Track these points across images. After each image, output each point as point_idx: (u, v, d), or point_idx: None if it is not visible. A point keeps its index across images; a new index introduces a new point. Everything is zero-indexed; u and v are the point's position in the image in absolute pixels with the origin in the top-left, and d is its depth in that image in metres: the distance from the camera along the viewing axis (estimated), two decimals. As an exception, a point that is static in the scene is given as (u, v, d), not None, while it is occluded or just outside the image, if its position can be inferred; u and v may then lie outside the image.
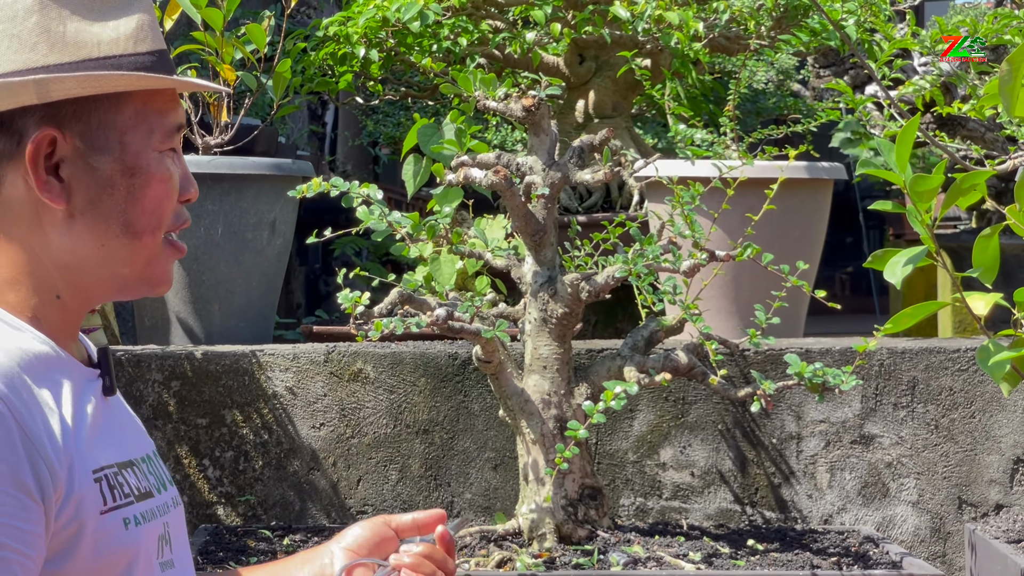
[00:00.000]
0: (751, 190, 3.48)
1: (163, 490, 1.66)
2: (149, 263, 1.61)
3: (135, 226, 1.58)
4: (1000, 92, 2.77)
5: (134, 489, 1.58)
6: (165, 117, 1.61)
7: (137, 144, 1.58)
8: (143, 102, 1.58)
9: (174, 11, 3.89)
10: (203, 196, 3.89)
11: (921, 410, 3.59)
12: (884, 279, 2.55)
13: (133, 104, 1.58)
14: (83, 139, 1.55)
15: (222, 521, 3.58)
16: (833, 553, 3.17)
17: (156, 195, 1.59)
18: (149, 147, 1.59)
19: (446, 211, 3.29)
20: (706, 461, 3.60)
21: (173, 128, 1.62)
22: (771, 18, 4.32)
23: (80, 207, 1.56)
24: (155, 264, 1.62)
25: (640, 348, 3.18)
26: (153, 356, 3.59)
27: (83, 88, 1.53)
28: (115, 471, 1.57)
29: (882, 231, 10.65)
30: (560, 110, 4.80)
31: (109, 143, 1.56)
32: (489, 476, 3.59)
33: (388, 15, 4.32)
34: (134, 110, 1.58)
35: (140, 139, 1.58)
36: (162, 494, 1.65)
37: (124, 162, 1.57)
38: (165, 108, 1.61)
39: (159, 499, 1.63)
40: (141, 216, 1.58)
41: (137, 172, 1.58)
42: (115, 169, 1.57)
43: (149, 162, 1.58)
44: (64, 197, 1.55)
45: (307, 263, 8.14)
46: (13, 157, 1.54)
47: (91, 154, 1.55)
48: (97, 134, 1.56)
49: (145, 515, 1.58)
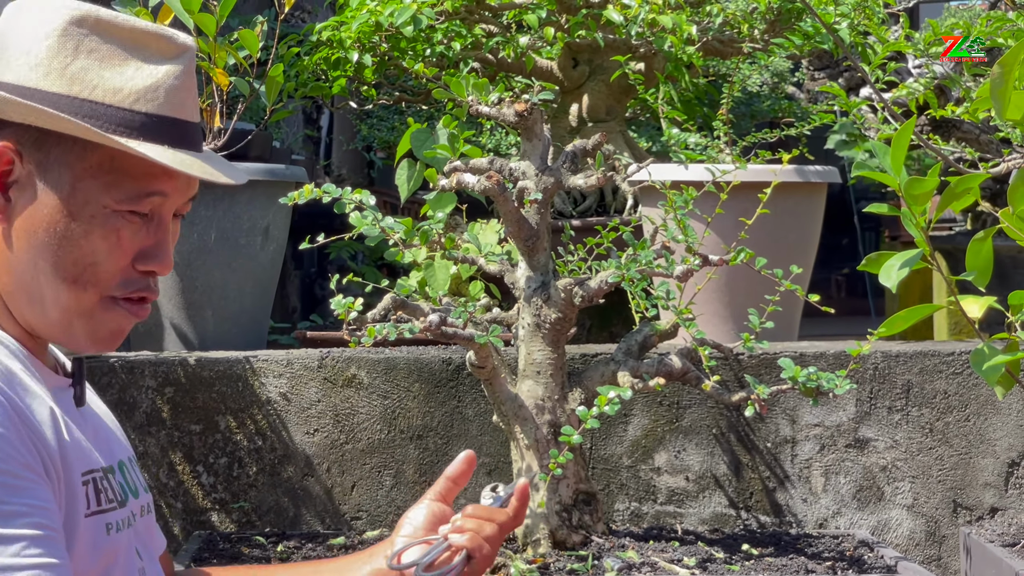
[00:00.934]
0: (745, 194, 3.47)
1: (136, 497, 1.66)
2: (82, 316, 1.57)
3: (63, 272, 1.56)
4: (991, 95, 2.77)
5: (117, 495, 1.59)
6: (137, 181, 1.57)
7: (88, 194, 1.55)
8: (109, 157, 1.56)
9: (166, 16, 3.88)
10: (196, 202, 3.86)
11: (916, 413, 3.59)
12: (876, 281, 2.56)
13: (97, 156, 1.56)
14: (38, 168, 1.54)
15: (216, 528, 3.57)
16: (828, 557, 3.17)
17: (91, 250, 1.56)
18: (101, 201, 1.55)
19: (439, 216, 3.29)
20: (701, 465, 3.59)
21: (143, 193, 1.58)
22: (764, 21, 4.32)
23: (16, 232, 1.55)
24: (91, 321, 1.58)
25: (634, 353, 3.18)
26: (146, 362, 3.58)
27: (25, 117, 1.53)
28: (101, 475, 1.57)
29: (878, 233, 10.65)
30: (554, 114, 4.80)
31: (61, 181, 1.54)
32: (483, 481, 3.58)
33: (381, 20, 4.31)
34: (97, 161, 1.55)
35: (94, 190, 1.55)
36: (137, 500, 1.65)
37: (69, 205, 1.55)
38: (139, 172, 1.58)
39: (134, 505, 1.64)
40: (72, 265, 1.56)
41: (77, 219, 1.55)
42: (57, 209, 1.55)
43: (94, 215, 1.55)
44: (5, 216, 1.54)
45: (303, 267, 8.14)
46: None
47: (41, 185, 1.54)
48: (52, 168, 1.54)
49: (124, 522, 1.59)
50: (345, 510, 3.58)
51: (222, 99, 4.02)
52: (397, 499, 3.58)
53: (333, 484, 3.58)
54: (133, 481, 1.67)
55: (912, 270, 2.72)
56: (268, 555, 3.28)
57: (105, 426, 1.70)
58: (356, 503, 3.59)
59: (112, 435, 1.70)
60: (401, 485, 3.58)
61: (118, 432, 1.74)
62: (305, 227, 4.00)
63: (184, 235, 3.87)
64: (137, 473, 1.69)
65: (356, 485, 3.59)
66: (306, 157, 7.69)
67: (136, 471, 1.69)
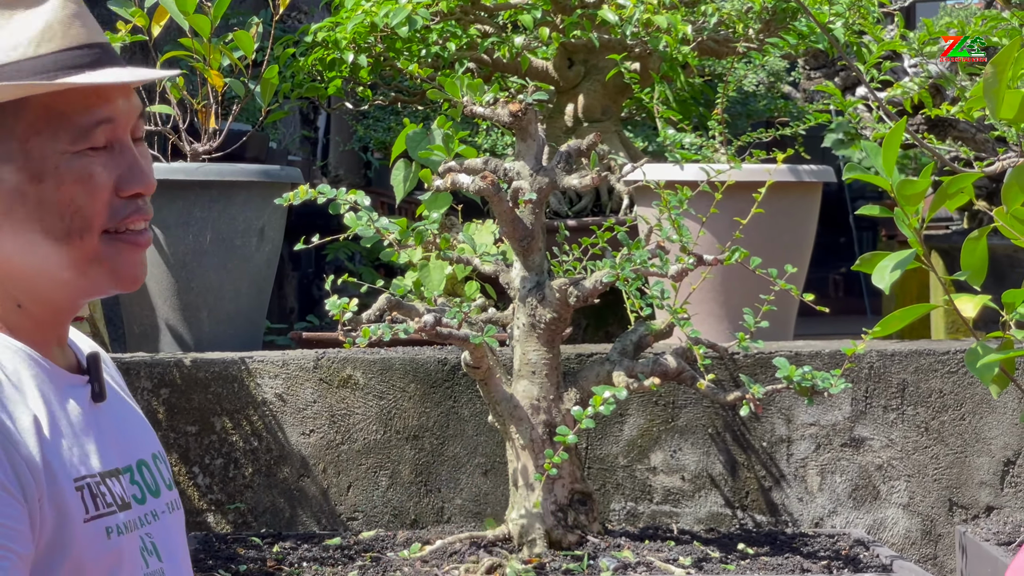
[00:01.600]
0: (740, 193, 3.48)
1: (155, 496, 1.64)
2: (93, 262, 1.56)
3: (55, 232, 1.54)
4: (985, 95, 2.77)
5: (117, 499, 1.57)
6: (78, 116, 1.55)
7: (40, 150, 1.53)
8: (43, 107, 1.54)
9: (162, 17, 3.88)
10: (191, 203, 3.88)
11: (911, 412, 3.59)
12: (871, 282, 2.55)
13: (32, 110, 1.53)
14: None
15: (212, 529, 3.57)
16: (823, 556, 3.17)
17: (70, 197, 1.54)
18: (56, 150, 1.54)
19: (434, 217, 3.29)
20: (696, 465, 3.59)
21: (91, 125, 1.56)
22: (759, 21, 4.32)
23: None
24: (106, 262, 1.57)
25: (629, 353, 3.18)
26: (142, 363, 3.58)
27: None
28: (97, 480, 1.55)
29: (875, 232, 10.65)
30: (549, 114, 4.80)
31: (11, 153, 1.52)
32: (479, 482, 3.58)
33: (376, 20, 4.31)
34: (34, 116, 1.53)
35: (44, 144, 1.53)
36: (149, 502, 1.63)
37: (29, 170, 1.53)
38: (77, 107, 1.55)
39: (147, 507, 1.62)
40: (59, 221, 1.54)
41: (44, 177, 1.53)
42: (20, 178, 1.53)
43: (57, 165, 1.53)
44: None
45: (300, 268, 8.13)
46: None
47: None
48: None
49: (129, 525, 1.57)
50: (341, 510, 3.58)
51: (217, 100, 4.03)
52: (393, 499, 3.58)
53: (329, 485, 3.58)
54: (154, 479, 1.65)
55: (909, 268, 2.72)
56: (264, 556, 3.28)
57: (126, 422, 1.68)
58: (352, 503, 3.59)
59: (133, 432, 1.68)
60: (397, 485, 3.58)
61: (141, 428, 1.72)
62: (302, 228, 3.99)
63: (179, 236, 3.88)
64: (162, 470, 1.67)
65: (352, 485, 3.59)
66: (303, 158, 7.69)
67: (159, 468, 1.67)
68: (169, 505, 1.67)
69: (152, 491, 1.64)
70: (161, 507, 1.64)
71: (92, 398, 1.61)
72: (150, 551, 1.60)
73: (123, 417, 1.68)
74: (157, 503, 1.64)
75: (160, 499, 1.65)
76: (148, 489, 1.64)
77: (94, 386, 1.61)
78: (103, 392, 1.63)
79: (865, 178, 2.62)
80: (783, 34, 4.34)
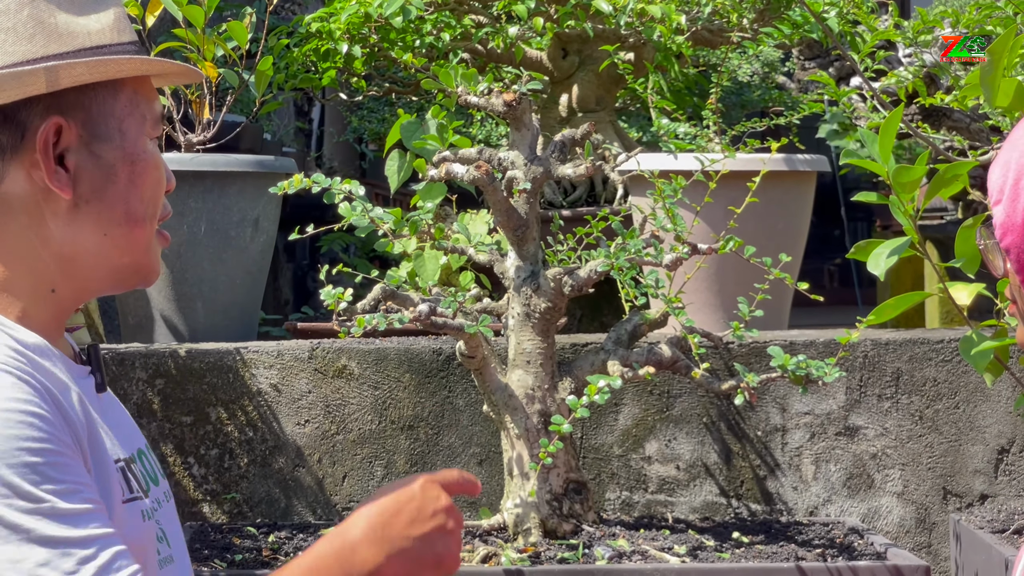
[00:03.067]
0: (734, 183, 3.48)
1: (156, 485, 1.66)
2: (145, 252, 1.61)
3: (136, 214, 1.59)
4: (981, 82, 2.77)
5: (142, 485, 1.60)
6: (152, 104, 1.62)
7: (134, 131, 1.59)
8: (133, 90, 1.60)
9: (156, 7, 3.88)
10: (186, 194, 3.88)
11: (905, 401, 3.60)
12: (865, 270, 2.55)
13: (126, 92, 1.59)
14: (85, 128, 1.56)
15: (207, 519, 3.57)
16: (818, 545, 3.17)
17: (153, 182, 1.60)
18: (143, 134, 1.60)
19: (428, 207, 3.29)
20: (691, 454, 3.60)
21: (159, 116, 1.64)
22: (753, 11, 4.32)
23: (85, 196, 1.56)
24: (150, 253, 1.63)
25: (624, 342, 3.18)
26: (137, 354, 3.58)
27: (92, 74, 1.55)
28: (125, 465, 1.58)
29: (870, 222, 10.66)
30: (544, 104, 4.80)
31: (110, 131, 1.57)
32: (474, 471, 3.58)
33: (370, 11, 4.31)
34: (127, 98, 1.59)
35: (136, 126, 1.59)
36: (153, 490, 1.65)
37: (124, 149, 1.58)
38: (151, 96, 1.63)
39: (154, 493, 1.64)
40: (140, 204, 1.59)
41: (136, 159, 1.59)
42: (117, 157, 1.58)
43: (145, 149, 1.60)
44: (71, 186, 1.56)
45: (295, 259, 8.13)
46: (17, 151, 1.54)
47: (93, 142, 1.57)
48: (98, 122, 1.57)
49: (147, 511, 1.59)
50: (336, 500, 3.59)
51: (211, 91, 4.02)
52: (388, 489, 3.58)
53: (324, 475, 3.58)
54: (152, 468, 1.68)
55: (903, 258, 2.73)
56: (259, 546, 3.28)
57: (124, 413, 1.71)
58: (347, 493, 3.59)
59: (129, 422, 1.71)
60: (392, 475, 3.58)
61: (131, 419, 1.75)
62: (296, 219, 3.99)
63: (174, 227, 3.87)
64: (154, 460, 1.70)
65: (347, 475, 3.59)
66: (297, 149, 7.69)
67: (153, 459, 1.70)
68: (165, 494, 1.69)
69: (153, 480, 1.66)
70: (160, 495, 1.66)
71: (96, 388, 1.63)
72: (160, 538, 1.63)
73: (120, 408, 1.70)
74: (157, 491, 1.66)
75: (159, 488, 1.67)
76: (150, 478, 1.66)
77: (97, 376, 1.63)
78: (104, 383, 1.65)
79: (862, 163, 2.63)
80: (777, 23, 4.34)
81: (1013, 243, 1.48)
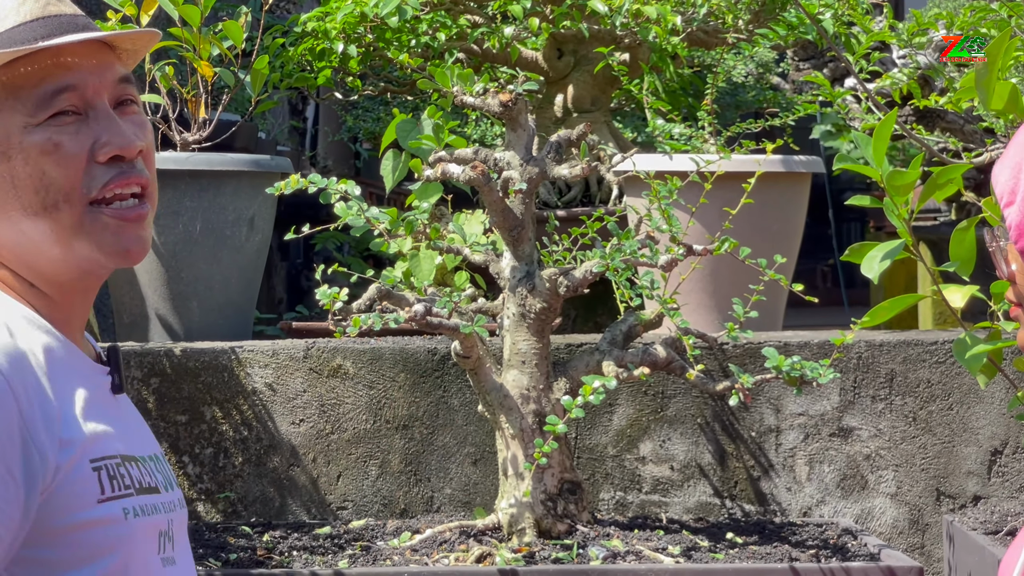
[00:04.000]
0: (729, 184, 3.49)
1: (170, 490, 1.65)
2: (78, 235, 1.54)
3: (32, 207, 1.53)
4: (976, 85, 2.78)
5: (135, 482, 1.57)
6: (35, 87, 1.54)
7: (3, 128, 1.53)
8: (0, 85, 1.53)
9: (151, 6, 3.88)
10: (182, 193, 3.88)
11: (899, 402, 3.61)
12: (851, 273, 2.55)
13: None
14: None
15: (202, 518, 3.57)
16: (812, 546, 3.18)
17: (40, 170, 1.52)
18: (17, 125, 1.53)
19: (424, 206, 3.29)
20: (686, 455, 3.61)
21: (49, 94, 1.54)
22: (749, 12, 4.33)
23: None
24: (91, 235, 1.55)
25: (619, 343, 3.19)
26: (132, 353, 3.58)
27: None
28: (117, 462, 1.56)
29: (863, 224, 10.67)
30: (539, 105, 4.80)
31: None
32: (469, 471, 3.59)
33: (366, 10, 4.31)
34: None
35: (5, 119, 1.53)
36: (168, 493, 1.64)
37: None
38: (32, 78, 1.54)
39: (165, 497, 1.63)
40: (34, 196, 1.53)
41: (12, 154, 1.53)
42: None
43: (21, 140, 1.53)
44: None
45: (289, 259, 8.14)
46: None
47: None
48: None
49: (146, 508, 1.57)
50: (331, 500, 3.59)
51: (207, 90, 4.03)
52: (383, 489, 3.59)
53: (319, 474, 3.59)
54: (166, 474, 1.67)
55: (898, 260, 2.73)
56: (254, 545, 3.28)
57: (140, 420, 1.70)
58: (342, 493, 3.59)
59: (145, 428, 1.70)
60: (387, 475, 3.59)
61: (147, 426, 1.74)
62: (291, 218, 4.00)
63: (169, 226, 3.88)
64: (168, 470, 1.69)
65: (342, 475, 3.59)
66: (292, 148, 7.69)
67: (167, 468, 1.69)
68: (180, 501, 1.68)
69: (167, 485, 1.65)
70: (175, 501, 1.66)
71: (112, 389, 1.61)
72: (170, 537, 1.62)
73: (135, 414, 1.70)
74: (171, 496, 1.65)
75: (174, 493, 1.66)
76: (166, 481, 1.65)
77: (115, 378, 1.61)
78: (122, 384, 1.63)
79: (855, 168, 2.64)
80: (772, 25, 4.35)
81: None
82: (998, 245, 1.54)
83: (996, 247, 1.54)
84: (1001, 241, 1.53)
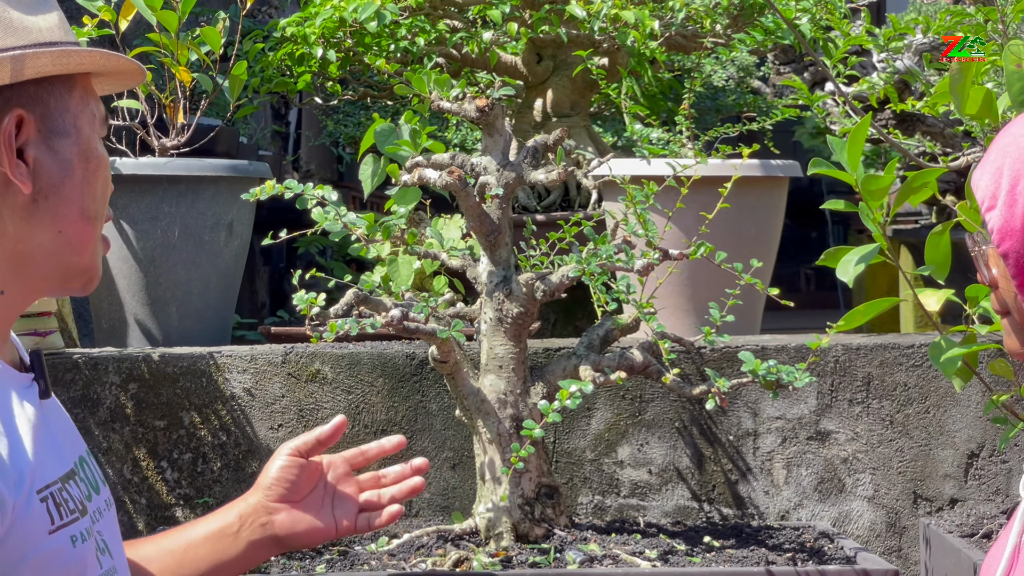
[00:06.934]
0: (706, 188, 3.49)
1: (96, 494, 1.64)
2: (93, 253, 1.61)
3: (89, 211, 1.58)
4: (951, 91, 2.79)
5: (78, 504, 1.56)
6: (99, 104, 1.63)
7: (87, 128, 1.59)
8: (83, 88, 1.59)
9: (128, 12, 3.88)
10: (160, 198, 3.88)
11: (876, 406, 3.62)
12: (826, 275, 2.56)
13: (78, 90, 1.59)
14: (44, 121, 1.55)
15: (180, 523, 3.57)
16: (788, 549, 3.19)
17: (104, 179, 1.60)
18: (94, 131, 1.60)
19: (401, 211, 3.30)
20: (664, 459, 3.61)
21: (105, 116, 1.64)
22: (727, 16, 4.34)
23: (44, 191, 1.55)
24: (96, 255, 1.62)
25: (596, 347, 3.19)
26: (110, 358, 3.58)
27: (56, 65, 1.54)
28: (59, 487, 1.53)
29: (847, 226, 10.69)
30: (518, 109, 4.81)
31: (66, 126, 1.57)
32: (447, 475, 3.59)
33: (345, 15, 4.32)
34: (80, 95, 1.59)
35: (88, 123, 1.59)
36: (94, 499, 1.62)
37: (79, 145, 1.57)
38: (96, 96, 1.63)
39: (94, 504, 1.61)
40: (94, 201, 1.59)
41: (90, 156, 1.58)
42: (73, 152, 1.57)
43: (97, 146, 1.60)
44: (31, 179, 1.54)
45: (271, 263, 8.13)
46: None
47: (52, 137, 1.55)
48: (55, 117, 1.56)
49: (86, 532, 1.56)
50: (310, 505, 3.58)
51: (186, 95, 4.03)
52: (361, 494, 3.58)
53: (297, 479, 3.58)
54: (93, 476, 1.65)
55: (880, 264, 2.74)
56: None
57: (67, 420, 1.68)
58: (320, 498, 3.59)
59: (72, 429, 1.69)
60: (365, 480, 3.58)
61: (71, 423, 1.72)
62: (272, 222, 3.99)
63: (147, 231, 3.88)
64: (94, 466, 1.67)
65: (320, 480, 3.59)
66: (274, 152, 7.68)
67: (93, 464, 1.67)
68: (107, 502, 1.67)
69: (94, 488, 1.63)
70: (102, 504, 1.64)
71: (40, 395, 1.60)
72: (103, 550, 1.60)
73: (63, 414, 1.68)
74: (99, 500, 1.63)
75: (100, 496, 1.64)
76: (91, 486, 1.63)
77: (40, 383, 1.61)
78: (49, 389, 1.62)
79: (829, 172, 2.64)
80: (750, 30, 4.36)
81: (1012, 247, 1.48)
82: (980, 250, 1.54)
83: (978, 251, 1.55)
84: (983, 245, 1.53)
